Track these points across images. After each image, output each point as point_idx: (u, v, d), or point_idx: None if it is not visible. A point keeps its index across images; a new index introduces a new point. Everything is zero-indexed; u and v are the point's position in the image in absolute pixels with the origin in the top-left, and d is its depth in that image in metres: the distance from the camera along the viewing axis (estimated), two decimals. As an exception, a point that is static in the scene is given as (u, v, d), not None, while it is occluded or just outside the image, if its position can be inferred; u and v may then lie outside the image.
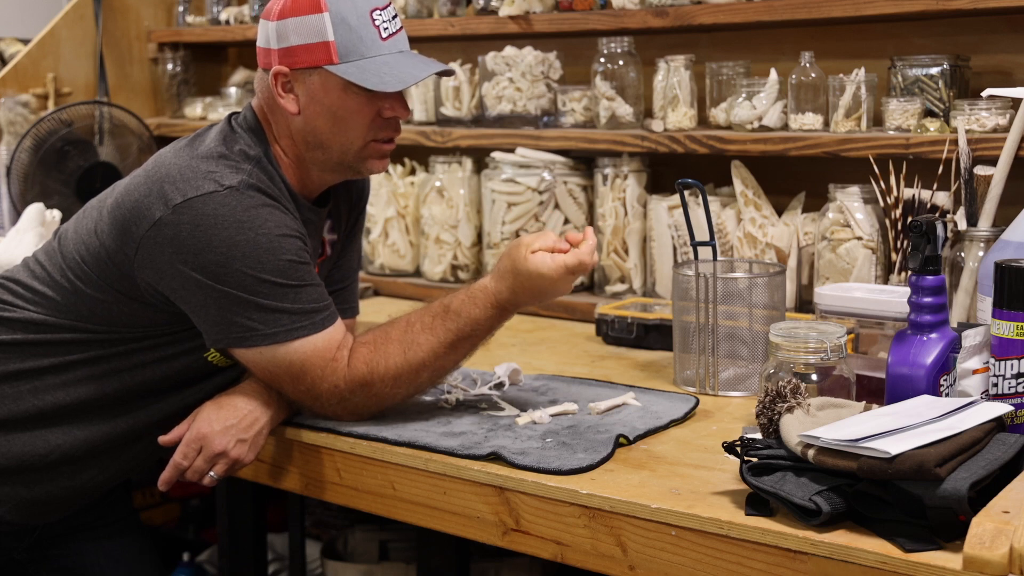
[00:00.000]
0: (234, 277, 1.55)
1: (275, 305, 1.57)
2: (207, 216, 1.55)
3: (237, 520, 2.11)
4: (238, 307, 1.57)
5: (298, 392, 1.64)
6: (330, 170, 1.72)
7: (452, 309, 1.63)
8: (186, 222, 1.55)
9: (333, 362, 1.61)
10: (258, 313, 1.57)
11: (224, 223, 1.55)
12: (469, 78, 2.76)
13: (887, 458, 1.22)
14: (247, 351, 1.61)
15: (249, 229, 1.56)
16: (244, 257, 1.55)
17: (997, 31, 2.18)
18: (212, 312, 1.58)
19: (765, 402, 1.42)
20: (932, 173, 2.02)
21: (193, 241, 1.55)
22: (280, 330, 1.58)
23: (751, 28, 2.42)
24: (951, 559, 1.17)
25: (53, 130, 2.95)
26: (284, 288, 1.57)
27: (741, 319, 1.82)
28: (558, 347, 2.20)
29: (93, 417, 1.70)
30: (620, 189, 2.48)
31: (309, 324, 1.59)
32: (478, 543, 1.55)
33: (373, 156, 1.70)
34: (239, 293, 1.56)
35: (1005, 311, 1.44)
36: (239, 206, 1.57)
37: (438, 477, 1.53)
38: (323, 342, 1.60)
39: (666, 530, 1.34)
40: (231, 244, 1.55)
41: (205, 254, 1.55)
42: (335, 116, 1.65)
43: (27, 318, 1.69)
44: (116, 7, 3.32)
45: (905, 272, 2.02)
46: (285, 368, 1.61)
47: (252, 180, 1.61)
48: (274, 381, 1.64)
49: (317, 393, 1.63)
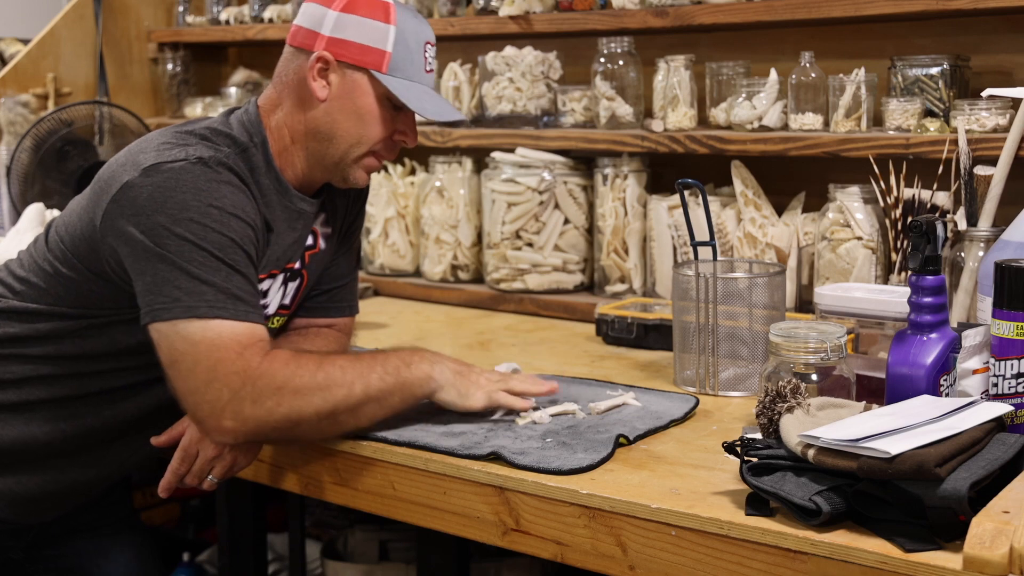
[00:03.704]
0: (174, 242, 1.54)
1: (204, 277, 1.54)
2: (169, 180, 1.56)
3: (237, 520, 2.11)
4: (170, 274, 1.54)
5: (194, 377, 1.54)
6: (321, 167, 1.73)
7: (381, 358, 1.62)
8: (148, 184, 1.56)
9: (245, 351, 1.54)
10: (187, 282, 1.54)
11: (182, 188, 1.56)
12: (469, 78, 2.76)
13: (887, 458, 1.22)
14: (163, 325, 1.55)
15: (204, 198, 1.56)
16: (189, 222, 1.54)
17: (997, 31, 2.18)
18: (147, 279, 1.56)
19: (765, 402, 1.42)
20: (932, 173, 2.02)
21: (150, 203, 1.55)
22: (202, 304, 1.54)
23: (751, 28, 2.42)
24: (951, 559, 1.17)
25: (53, 130, 2.95)
26: (218, 263, 1.55)
27: (741, 319, 1.82)
28: (558, 347, 2.20)
29: (76, 407, 1.71)
30: (620, 189, 2.48)
31: (232, 308, 1.55)
32: (478, 543, 1.55)
33: (366, 167, 1.74)
34: (174, 258, 1.54)
35: (1005, 311, 1.44)
36: (202, 176, 1.58)
37: (438, 477, 1.53)
38: (242, 330, 1.55)
39: (666, 530, 1.34)
40: (182, 207, 1.55)
41: (155, 215, 1.55)
42: (360, 118, 1.69)
43: (11, 307, 1.70)
44: (116, 7, 3.32)
45: (905, 272, 2.02)
46: (192, 345, 1.54)
47: (227, 160, 1.62)
48: (174, 363, 1.56)
49: (212, 378, 1.53)
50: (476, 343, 2.25)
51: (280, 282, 1.77)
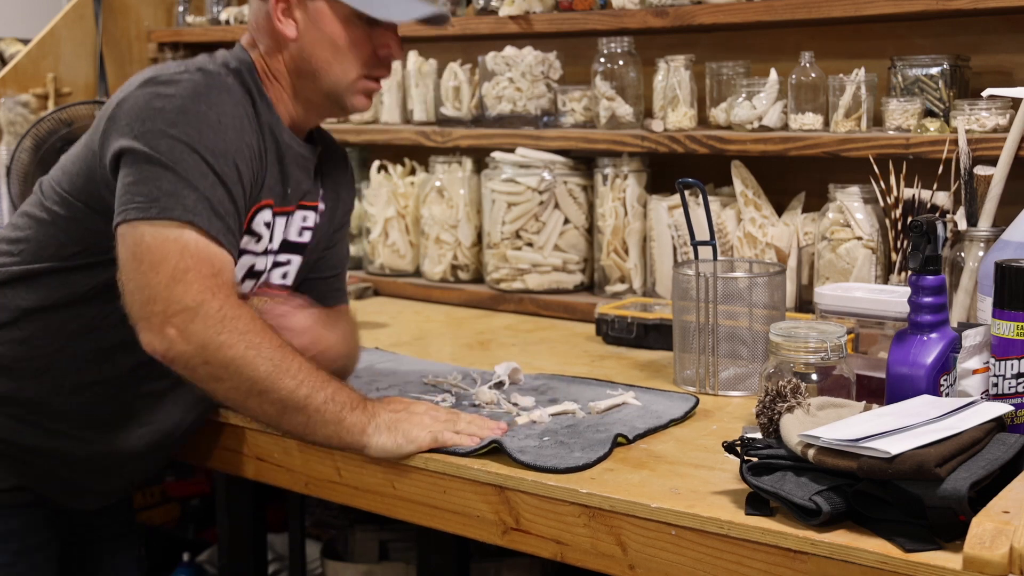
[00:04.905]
0: (165, 143, 1.49)
1: (190, 179, 1.48)
2: (171, 86, 1.53)
3: (237, 520, 2.11)
4: (153, 172, 1.48)
5: (155, 272, 1.45)
6: (317, 103, 1.70)
7: (336, 385, 1.54)
8: (149, 92, 1.53)
9: (219, 274, 1.47)
10: (170, 183, 1.47)
11: (184, 94, 1.52)
12: (469, 78, 2.76)
13: (887, 458, 1.21)
14: (133, 227, 1.47)
15: (204, 103, 1.52)
16: (185, 125, 1.50)
17: (997, 31, 2.18)
18: (128, 180, 1.50)
19: (765, 402, 1.42)
20: (932, 173, 2.02)
21: (146, 109, 1.51)
22: (178, 207, 1.47)
23: (751, 28, 2.42)
24: (951, 559, 1.17)
25: (53, 130, 2.94)
26: (207, 169, 1.49)
27: (741, 319, 1.82)
28: (558, 347, 2.20)
29: (115, 357, 1.64)
30: (620, 189, 2.48)
31: (207, 222, 1.48)
32: (478, 543, 1.55)
33: (361, 92, 1.70)
34: (163, 159, 1.48)
35: (1005, 311, 1.44)
36: (204, 83, 1.55)
37: (438, 476, 1.53)
38: (214, 251, 1.48)
39: (666, 529, 1.34)
40: (179, 111, 1.51)
41: (150, 121, 1.50)
42: (333, 46, 1.65)
43: (17, 273, 1.65)
44: (116, 7, 3.32)
45: (905, 272, 2.02)
46: (161, 242, 1.45)
47: (228, 72, 1.60)
48: (136, 257, 1.47)
49: (178, 280, 1.44)
50: (476, 343, 2.25)
51: (283, 223, 1.71)
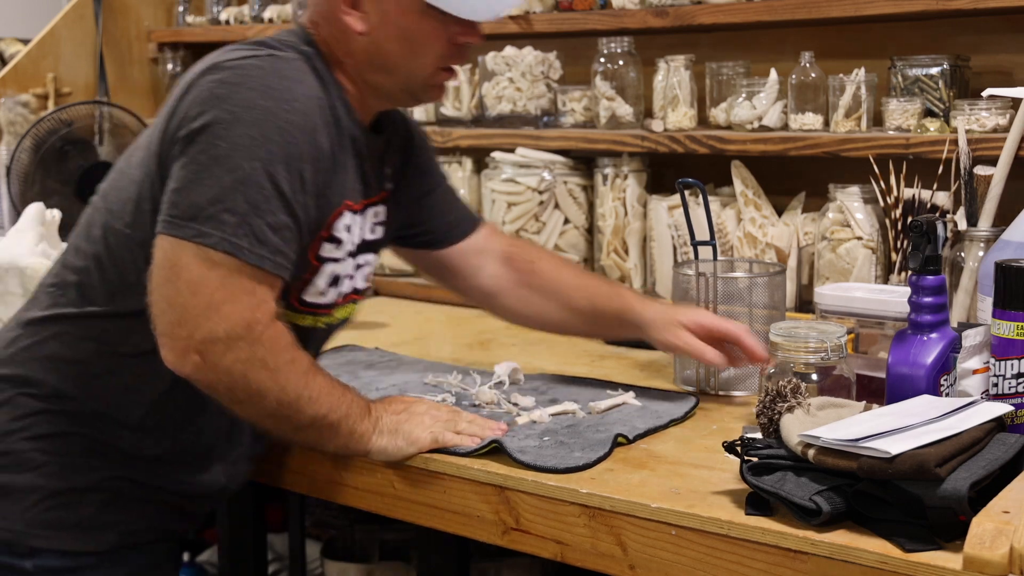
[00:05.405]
0: (224, 143, 1.35)
1: (241, 191, 1.34)
2: (236, 74, 1.39)
3: (237, 520, 2.10)
4: (205, 175, 1.35)
5: (193, 297, 1.35)
6: (387, 94, 1.57)
7: (350, 398, 1.49)
8: (209, 80, 1.40)
9: (251, 309, 1.36)
10: (216, 192, 1.34)
11: (249, 83, 1.38)
12: (469, 78, 2.76)
13: (887, 458, 1.21)
14: (172, 242, 1.36)
15: (273, 96, 1.37)
16: (252, 124, 1.36)
17: (997, 31, 2.18)
18: (180, 175, 1.36)
19: (765, 402, 1.42)
20: (932, 173, 2.02)
21: (211, 99, 1.37)
22: (219, 232, 1.34)
23: (751, 28, 2.42)
24: (951, 559, 1.17)
25: (53, 130, 2.94)
26: (263, 181, 1.35)
27: (741, 319, 1.83)
28: (558, 347, 2.20)
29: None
30: (620, 189, 2.48)
31: (251, 250, 1.35)
32: (478, 543, 1.55)
33: (438, 83, 1.57)
34: (219, 162, 1.35)
35: (1005, 311, 1.44)
36: (273, 72, 1.40)
37: (438, 476, 1.53)
38: (258, 280, 1.37)
39: (666, 529, 1.34)
40: (247, 105, 1.36)
41: (214, 110, 1.37)
42: (408, 39, 1.50)
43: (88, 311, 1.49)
44: (116, 7, 3.32)
45: (905, 272, 2.02)
46: (196, 269, 1.35)
47: (302, 62, 1.45)
48: (174, 269, 1.36)
49: (213, 311, 1.35)
50: (476, 343, 2.25)
51: (359, 223, 1.58)
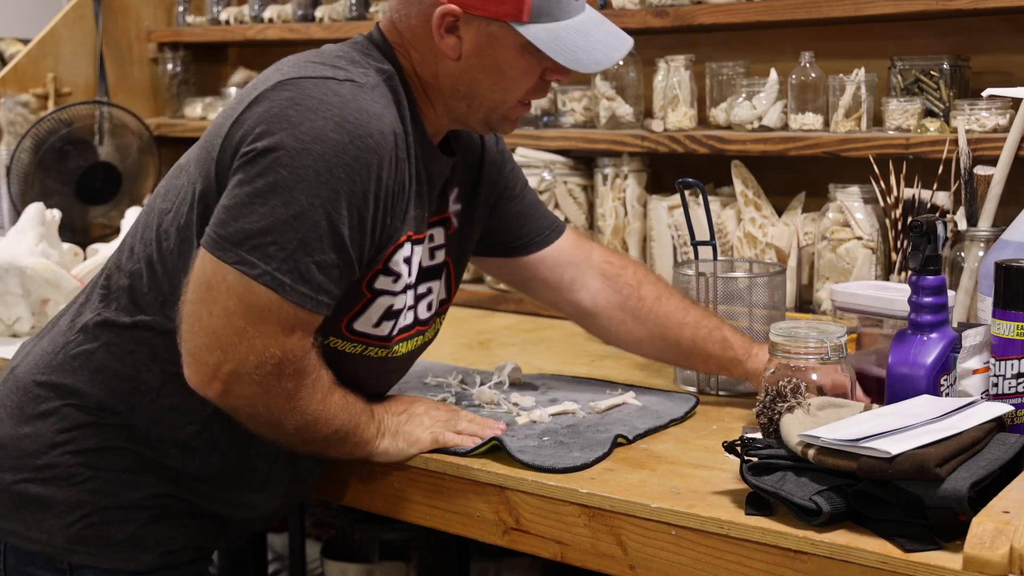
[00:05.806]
0: (285, 171, 1.29)
1: (292, 225, 1.29)
2: (310, 98, 1.31)
3: (237, 520, 2.10)
4: (258, 201, 1.29)
5: (226, 324, 1.31)
6: (462, 121, 1.52)
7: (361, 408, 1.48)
8: (282, 97, 1.32)
9: (283, 347, 1.33)
10: (267, 222, 1.28)
11: (323, 111, 1.30)
12: (469, 78, 2.76)
13: (887, 458, 1.22)
14: (216, 263, 1.31)
15: (346, 131, 1.30)
16: (319, 157, 1.29)
17: (997, 31, 2.18)
18: (233, 193, 1.31)
19: (765, 402, 1.42)
20: (932, 173, 2.02)
21: (278, 120, 1.30)
22: (262, 265, 1.29)
23: (751, 28, 2.42)
24: (951, 559, 1.17)
25: (53, 130, 2.95)
26: (319, 219, 1.29)
27: (741, 319, 1.82)
28: (558, 347, 2.20)
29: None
30: (620, 189, 2.48)
31: (292, 289, 1.31)
32: (478, 543, 1.55)
33: (513, 117, 1.52)
34: (276, 190, 1.29)
35: (1005, 311, 1.44)
36: (351, 99, 1.33)
37: (438, 476, 1.53)
38: (296, 319, 1.32)
39: (666, 529, 1.34)
40: (315, 137, 1.29)
41: (280, 133, 1.30)
42: (501, 73, 1.44)
43: (139, 320, 1.45)
44: (116, 7, 3.32)
45: (905, 272, 2.02)
46: (236, 295, 1.30)
47: (383, 88, 1.39)
48: (211, 291, 1.31)
49: (246, 343, 1.31)
50: (476, 343, 2.25)
51: (419, 252, 1.52)
